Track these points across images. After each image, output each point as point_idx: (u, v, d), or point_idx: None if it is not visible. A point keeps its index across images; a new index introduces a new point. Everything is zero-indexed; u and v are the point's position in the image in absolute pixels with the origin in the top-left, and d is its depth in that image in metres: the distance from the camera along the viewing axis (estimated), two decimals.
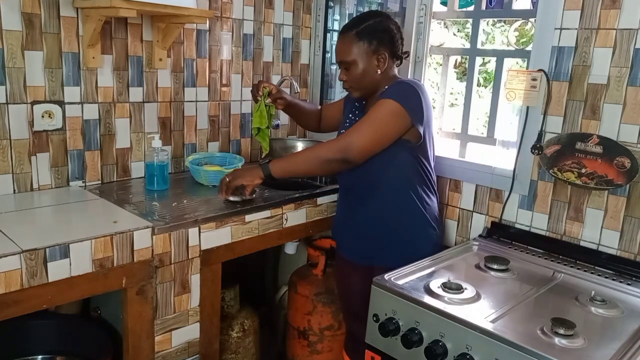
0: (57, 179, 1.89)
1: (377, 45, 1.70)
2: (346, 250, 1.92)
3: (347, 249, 1.91)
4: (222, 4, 2.28)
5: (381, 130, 1.64)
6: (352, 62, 1.71)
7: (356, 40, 1.69)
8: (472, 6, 2.17)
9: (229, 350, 2.07)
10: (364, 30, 1.69)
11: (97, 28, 1.79)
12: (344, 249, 1.93)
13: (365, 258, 1.83)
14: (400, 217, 1.76)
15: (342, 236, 1.92)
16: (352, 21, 1.76)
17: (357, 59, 1.70)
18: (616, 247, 1.68)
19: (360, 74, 1.71)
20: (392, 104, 1.63)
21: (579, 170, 1.70)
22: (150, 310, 1.63)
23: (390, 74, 1.77)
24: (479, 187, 2.00)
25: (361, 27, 1.70)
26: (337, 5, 2.69)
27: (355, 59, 1.70)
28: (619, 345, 1.23)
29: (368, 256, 1.81)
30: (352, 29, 1.70)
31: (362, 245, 1.83)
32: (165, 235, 1.62)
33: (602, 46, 1.65)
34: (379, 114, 1.64)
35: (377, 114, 1.65)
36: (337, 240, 1.97)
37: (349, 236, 1.88)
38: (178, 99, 2.21)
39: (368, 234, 1.80)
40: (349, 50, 1.70)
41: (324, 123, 2.08)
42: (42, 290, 1.38)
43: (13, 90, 1.74)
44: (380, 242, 1.78)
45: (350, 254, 1.90)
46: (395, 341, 1.39)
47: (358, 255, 1.86)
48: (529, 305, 1.44)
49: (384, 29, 1.72)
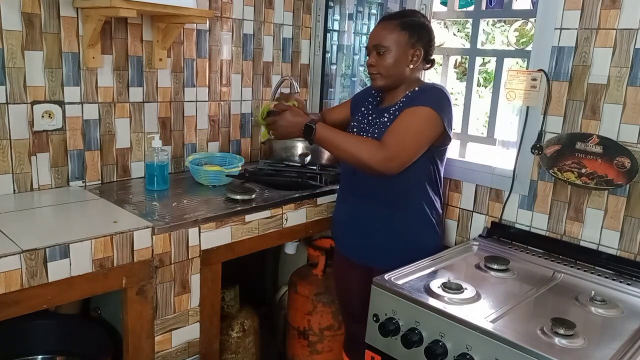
0: (57, 179, 1.89)
1: (417, 40, 1.69)
2: (346, 249, 1.90)
3: (348, 248, 1.89)
4: (222, 4, 2.28)
5: (422, 142, 1.65)
6: (388, 49, 1.68)
7: (398, 28, 1.68)
8: (472, 6, 2.17)
9: (229, 350, 2.07)
10: (408, 23, 1.69)
11: (97, 28, 1.80)
12: (344, 248, 1.92)
13: (365, 258, 1.82)
14: (408, 219, 1.76)
15: (344, 234, 1.90)
16: (395, 13, 1.79)
17: (393, 46, 1.68)
18: (616, 247, 1.68)
19: (392, 63, 1.69)
20: (430, 113, 1.63)
21: (579, 170, 1.70)
22: (150, 310, 1.63)
23: (416, 75, 1.76)
24: (479, 187, 2.00)
25: (405, 19, 1.70)
26: (337, 5, 2.69)
27: (392, 46, 1.68)
28: (619, 345, 1.23)
29: (369, 256, 1.80)
30: (397, 19, 1.71)
31: (364, 244, 1.82)
32: (165, 235, 1.62)
33: (602, 46, 1.65)
34: (420, 124, 1.63)
35: (418, 124, 1.63)
36: (338, 239, 1.95)
37: (351, 235, 1.86)
38: (178, 99, 2.21)
39: (372, 234, 1.79)
40: (388, 35, 1.68)
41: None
42: (42, 290, 1.38)
43: (13, 90, 1.74)
44: (383, 242, 1.77)
45: (350, 253, 1.88)
46: (395, 341, 1.39)
47: (358, 255, 1.85)
48: (529, 305, 1.44)
49: (426, 29, 1.73)
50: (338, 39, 2.74)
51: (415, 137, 1.63)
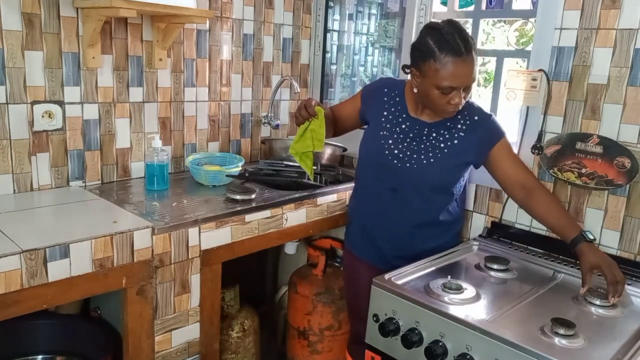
0: (57, 179, 1.89)
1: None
2: (364, 252, 1.87)
3: (367, 251, 1.85)
4: (222, 4, 2.28)
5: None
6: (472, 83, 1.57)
7: (476, 58, 1.55)
8: (472, 6, 2.17)
9: (229, 350, 2.07)
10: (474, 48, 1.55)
11: (97, 28, 1.79)
12: (361, 250, 1.88)
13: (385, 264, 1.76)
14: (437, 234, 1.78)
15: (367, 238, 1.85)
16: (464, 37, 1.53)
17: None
18: (616, 247, 1.68)
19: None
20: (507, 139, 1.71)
21: (579, 170, 1.70)
22: (150, 310, 1.63)
23: None
24: (479, 187, 2.00)
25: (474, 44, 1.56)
26: (337, 5, 2.69)
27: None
28: (619, 345, 1.23)
29: (389, 263, 1.76)
30: (472, 49, 1.53)
31: (388, 248, 1.79)
32: (165, 235, 1.62)
33: (602, 46, 1.65)
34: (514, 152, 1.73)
35: (514, 152, 1.74)
36: (355, 242, 1.91)
37: (376, 239, 1.82)
38: (178, 99, 2.21)
39: (402, 240, 1.76)
40: (475, 71, 1.55)
41: (340, 126, 1.92)
42: (42, 290, 1.37)
43: (13, 90, 1.74)
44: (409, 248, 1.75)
45: (368, 256, 1.85)
46: (395, 341, 1.39)
47: (377, 259, 1.82)
48: (529, 305, 1.44)
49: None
50: (338, 39, 2.74)
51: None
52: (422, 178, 1.70)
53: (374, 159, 1.79)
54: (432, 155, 1.69)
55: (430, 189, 1.71)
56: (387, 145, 1.74)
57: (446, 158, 1.68)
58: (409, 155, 1.71)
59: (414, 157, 1.70)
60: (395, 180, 1.73)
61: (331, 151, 2.35)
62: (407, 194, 1.72)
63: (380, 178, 1.77)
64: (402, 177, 1.72)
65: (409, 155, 1.71)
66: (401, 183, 1.72)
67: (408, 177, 1.71)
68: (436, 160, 1.68)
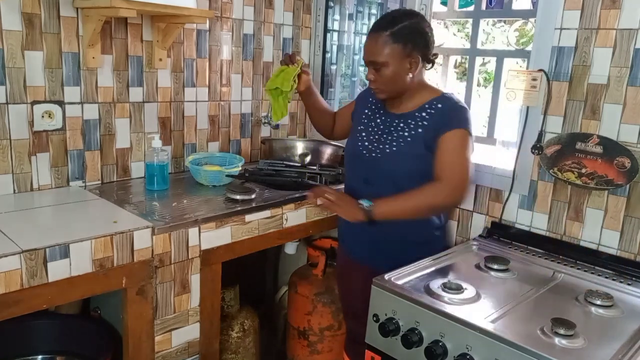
0: (57, 179, 1.89)
1: (412, 48, 1.62)
2: (352, 251, 1.88)
3: (354, 250, 1.87)
4: (222, 4, 2.28)
5: (470, 162, 1.65)
6: (383, 64, 1.62)
7: (390, 41, 1.60)
8: (472, 6, 2.17)
9: (229, 350, 2.07)
10: (399, 32, 1.60)
11: (97, 28, 1.80)
12: (349, 250, 1.90)
13: (371, 260, 1.78)
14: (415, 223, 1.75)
15: (350, 237, 1.88)
16: (385, 19, 1.66)
17: (389, 61, 1.61)
18: (616, 247, 1.68)
19: (391, 76, 1.63)
20: (466, 134, 1.64)
21: (579, 170, 1.70)
22: (150, 310, 1.63)
23: (419, 77, 1.71)
24: (479, 187, 2.00)
25: (396, 28, 1.60)
26: (337, 5, 2.69)
27: (387, 61, 1.61)
28: (619, 345, 1.23)
29: (375, 259, 1.77)
30: (387, 29, 1.60)
31: (371, 248, 1.80)
32: (165, 235, 1.62)
33: (602, 46, 1.65)
34: (465, 148, 1.64)
35: (463, 149, 1.63)
36: (344, 240, 1.93)
37: (357, 238, 1.83)
38: (178, 99, 2.21)
39: (381, 238, 1.76)
40: (381, 51, 1.61)
41: (338, 130, 2.02)
42: (42, 290, 1.38)
43: (13, 90, 1.74)
44: (390, 246, 1.75)
45: (355, 255, 1.87)
46: (395, 341, 1.39)
47: (364, 257, 1.83)
48: (529, 305, 1.44)
49: (420, 32, 1.64)
50: (338, 39, 2.74)
51: (467, 162, 1.63)
52: (386, 167, 1.71)
53: (350, 151, 1.84)
54: (396, 145, 1.70)
55: (400, 178, 1.70)
56: (361, 137, 1.80)
57: (408, 146, 1.68)
58: (376, 146, 1.74)
59: (379, 147, 1.73)
60: (365, 171, 1.76)
61: (331, 151, 2.35)
62: (378, 184, 1.73)
63: (354, 170, 1.82)
64: (370, 167, 1.74)
65: (376, 145, 1.74)
66: (372, 174, 1.75)
67: (374, 167, 1.74)
68: (399, 148, 1.69)
